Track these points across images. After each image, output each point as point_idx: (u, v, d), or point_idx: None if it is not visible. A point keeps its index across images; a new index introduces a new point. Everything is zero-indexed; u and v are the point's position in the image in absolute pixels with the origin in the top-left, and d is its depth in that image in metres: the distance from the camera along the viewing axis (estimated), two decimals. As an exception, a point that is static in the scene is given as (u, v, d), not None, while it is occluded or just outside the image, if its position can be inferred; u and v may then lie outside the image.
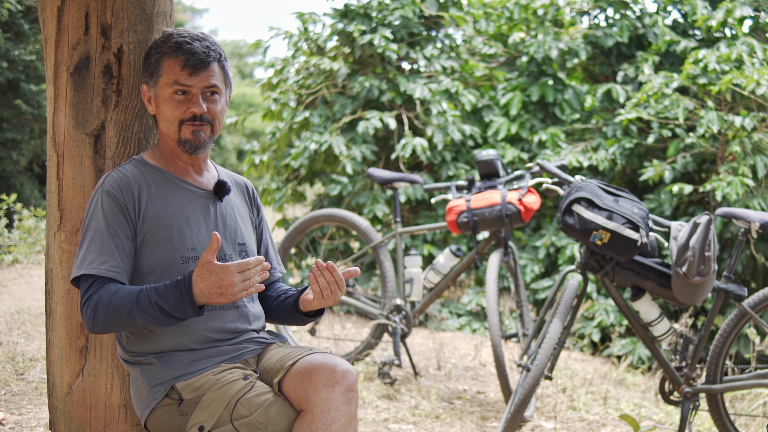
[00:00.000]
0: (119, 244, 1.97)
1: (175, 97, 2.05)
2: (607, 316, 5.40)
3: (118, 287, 1.91)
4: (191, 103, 2.05)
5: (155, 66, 2.07)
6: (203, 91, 2.06)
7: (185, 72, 2.04)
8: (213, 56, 2.07)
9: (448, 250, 4.09)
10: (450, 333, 5.69)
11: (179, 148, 2.08)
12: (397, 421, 3.61)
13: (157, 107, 2.08)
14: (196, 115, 2.05)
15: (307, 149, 6.05)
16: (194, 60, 2.04)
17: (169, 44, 2.06)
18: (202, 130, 2.07)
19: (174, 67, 2.04)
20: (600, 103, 6.20)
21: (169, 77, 2.04)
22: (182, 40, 2.06)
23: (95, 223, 1.98)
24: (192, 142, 2.07)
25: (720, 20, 5.80)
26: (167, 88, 2.05)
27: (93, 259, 1.95)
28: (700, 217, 3.19)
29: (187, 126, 2.06)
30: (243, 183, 2.30)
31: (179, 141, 2.07)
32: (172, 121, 2.06)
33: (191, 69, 2.04)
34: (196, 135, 2.07)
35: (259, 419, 1.90)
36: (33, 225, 6.78)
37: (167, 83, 2.05)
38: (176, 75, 2.04)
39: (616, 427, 3.77)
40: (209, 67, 2.07)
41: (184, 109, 2.05)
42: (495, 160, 4.00)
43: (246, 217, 2.24)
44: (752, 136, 5.16)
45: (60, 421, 2.24)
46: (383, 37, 6.10)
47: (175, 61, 2.04)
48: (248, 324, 2.12)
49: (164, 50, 2.06)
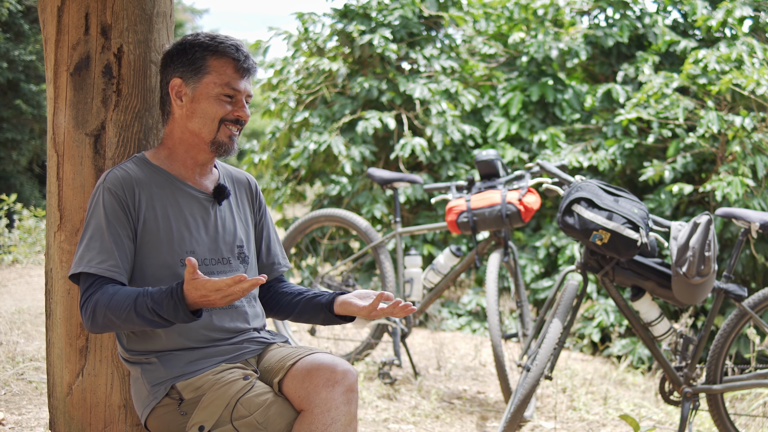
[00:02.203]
0: (119, 243, 1.96)
1: (222, 98, 2.06)
2: (607, 316, 5.41)
3: (117, 289, 1.90)
4: (237, 107, 2.08)
5: (201, 62, 2.05)
6: (245, 99, 2.10)
7: (238, 74, 2.06)
8: (256, 67, 2.13)
9: (448, 250, 4.09)
10: (450, 333, 5.69)
11: (209, 148, 2.08)
12: (397, 421, 3.61)
13: (193, 103, 2.06)
14: (241, 119, 2.08)
15: (307, 149, 6.05)
16: (248, 64, 2.08)
17: (224, 44, 2.07)
18: (236, 136, 2.11)
19: (226, 68, 2.05)
20: (600, 103, 6.20)
21: (219, 77, 2.05)
22: (234, 43, 2.08)
23: (96, 220, 1.98)
24: (227, 146, 2.09)
25: (720, 20, 5.80)
26: (215, 87, 2.05)
27: (92, 257, 1.94)
28: (700, 217, 3.19)
29: (225, 127, 2.07)
30: (245, 179, 2.29)
31: (213, 141, 2.07)
32: (213, 119, 2.06)
33: (243, 72, 2.07)
34: (231, 140, 2.09)
35: (259, 419, 1.90)
36: (33, 225, 6.77)
37: (216, 82, 2.05)
38: (229, 77, 2.05)
39: (616, 427, 3.77)
40: (251, 76, 2.12)
41: (229, 110, 2.07)
42: (495, 160, 4.00)
43: (246, 217, 2.23)
44: (752, 136, 5.16)
45: (60, 421, 2.24)
46: (383, 38, 6.10)
47: (228, 62, 2.06)
48: (247, 323, 2.12)
49: (217, 49, 2.06)
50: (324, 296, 2.16)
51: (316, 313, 2.17)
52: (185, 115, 2.07)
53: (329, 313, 2.13)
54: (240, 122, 2.09)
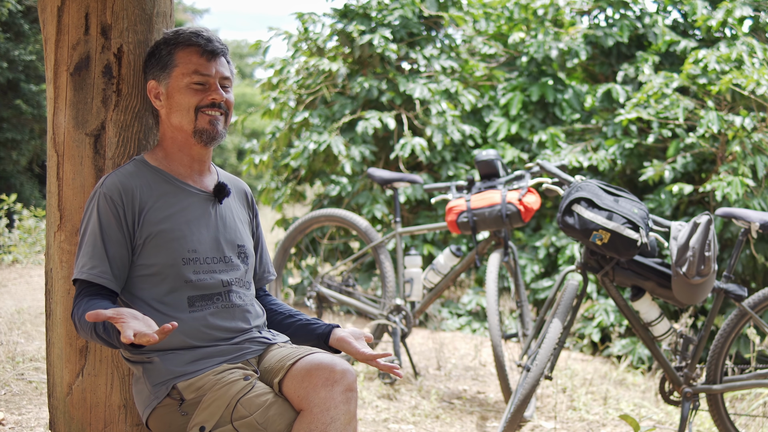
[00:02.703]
0: (111, 250, 1.98)
1: (193, 87, 2.06)
2: (607, 316, 5.41)
3: (90, 304, 1.91)
4: (210, 91, 2.07)
5: (167, 59, 2.08)
6: (220, 81, 2.10)
7: (204, 59, 2.07)
8: (224, 48, 2.13)
9: (448, 250, 4.09)
10: (450, 333, 5.69)
11: (194, 140, 2.09)
12: (397, 421, 3.61)
13: (169, 99, 2.08)
14: (216, 101, 2.07)
15: (307, 149, 6.05)
16: (212, 46, 2.08)
17: (183, 36, 2.09)
18: (219, 120, 2.09)
19: (191, 57, 2.07)
20: (600, 103, 6.20)
21: (186, 67, 2.06)
22: (196, 29, 2.10)
23: (91, 226, 2.00)
24: (209, 132, 2.08)
25: (720, 20, 5.80)
26: (184, 78, 2.06)
27: (84, 263, 1.97)
28: (700, 217, 3.19)
29: (203, 114, 2.07)
30: (242, 188, 2.31)
31: (195, 131, 2.08)
32: (188, 109, 2.06)
33: (209, 55, 2.07)
34: (213, 124, 2.08)
35: (259, 420, 1.90)
36: (33, 225, 6.77)
37: (184, 73, 2.06)
38: (195, 64, 2.06)
39: (616, 427, 3.77)
40: (222, 57, 2.11)
41: (203, 96, 2.07)
42: (495, 160, 4.00)
43: (245, 221, 2.25)
44: (752, 136, 5.16)
45: (60, 421, 2.24)
46: (383, 38, 6.10)
47: (191, 50, 2.07)
48: (248, 323, 2.13)
49: (178, 42, 2.08)
50: (319, 326, 2.19)
51: (309, 339, 2.19)
52: (166, 113, 2.09)
53: (323, 344, 2.16)
54: (217, 105, 2.08)
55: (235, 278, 2.12)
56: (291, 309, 2.30)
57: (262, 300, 2.33)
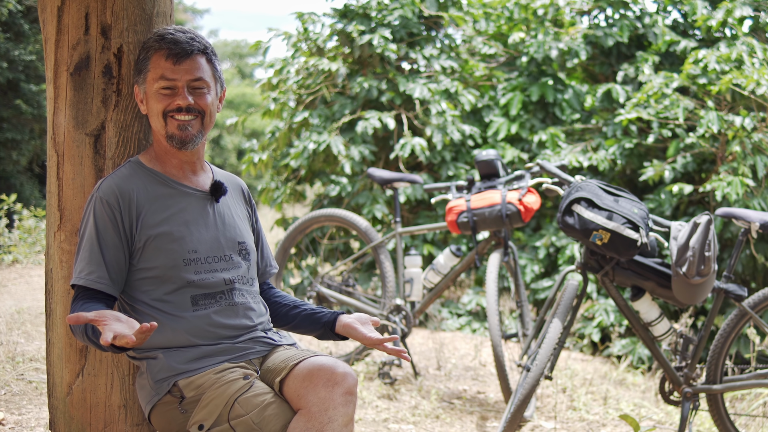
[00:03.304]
0: (108, 255, 1.98)
1: (162, 92, 2.04)
2: (607, 316, 5.41)
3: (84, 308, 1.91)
4: (176, 96, 2.04)
5: (143, 63, 2.07)
6: (189, 84, 2.04)
7: (169, 62, 2.03)
8: (197, 47, 2.06)
9: (448, 250, 4.09)
10: (450, 333, 5.69)
11: (168, 144, 2.07)
12: (397, 421, 3.61)
13: (147, 104, 2.07)
14: (181, 107, 2.03)
15: (307, 149, 6.05)
16: (177, 49, 2.03)
17: (151, 40, 2.06)
18: (190, 124, 2.05)
19: (159, 61, 2.04)
20: (600, 103, 6.20)
21: (155, 72, 2.04)
22: (165, 32, 2.06)
23: (87, 231, 2.01)
24: (179, 137, 2.05)
25: (720, 20, 5.80)
26: (154, 84, 2.04)
27: (82, 268, 1.98)
28: (700, 217, 3.19)
29: (171, 120, 2.04)
30: (238, 184, 2.30)
31: (167, 136, 2.06)
32: (158, 115, 2.05)
33: (174, 58, 2.03)
34: (182, 129, 2.04)
35: (255, 419, 1.90)
36: (33, 225, 6.78)
37: (154, 78, 2.04)
38: (162, 68, 2.03)
39: (616, 427, 3.77)
40: (193, 57, 2.05)
41: (169, 102, 2.04)
42: (495, 160, 4.00)
43: (243, 217, 2.25)
44: (752, 136, 5.16)
45: (60, 421, 2.24)
46: (382, 38, 6.10)
47: (159, 54, 2.04)
48: (252, 320, 2.13)
49: (149, 45, 2.06)
50: (324, 315, 2.19)
51: (315, 329, 2.20)
52: (149, 118, 2.09)
53: (330, 331, 2.16)
54: (183, 110, 2.03)
55: (237, 276, 2.12)
56: (296, 300, 2.29)
57: (267, 293, 2.32)
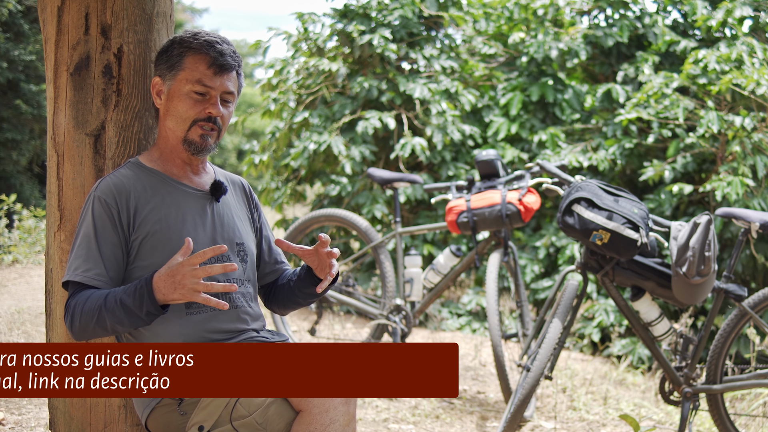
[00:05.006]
0: (106, 252, 1.97)
1: (194, 96, 2.03)
2: (607, 316, 5.41)
3: (92, 292, 1.91)
4: (209, 104, 2.03)
5: (177, 59, 2.05)
6: (221, 96, 2.06)
7: (210, 71, 2.03)
8: (238, 62, 2.08)
9: (448, 250, 4.09)
10: (450, 333, 5.69)
11: (182, 146, 2.06)
12: (397, 421, 3.61)
13: (168, 101, 2.05)
14: (213, 116, 2.04)
15: (307, 149, 6.06)
16: (222, 60, 2.04)
17: (199, 41, 2.04)
18: (211, 135, 2.06)
19: (199, 65, 2.03)
20: (600, 103, 6.20)
21: (191, 74, 2.03)
22: (212, 39, 2.05)
23: (85, 228, 1.99)
24: (198, 145, 2.06)
25: (720, 20, 5.80)
26: (186, 84, 2.03)
27: (78, 265, 1.96)
28: (700, 217, 3.19)
29: (197, 127, 2.04)
30: (239, 182, 2.29)
31: (185, 140, 2.05)
32: (184, 119, 2.04)
33: (217, 69, 2.03)
34: (203, 139, 2.05)
35: (258, 419, 1.90)
36: (33, 225, 6.78)
37: (188, 79, 2.03)
38: (200, 73, 2.02)
39: (616, 427, 3.77)
40: (232, 72, 2.07)
41: (201, 109, 2.03)
42: (495, 160, 4.00)
43: (244, 217, 2.23)
44: (752, 136, 5.16)
45: (60, 421, 2.24)
46: (382, 38, 6.10)
47: (201, 59, 2.03)
48: (246, 324, 2.12)
49: (192, 46, 2.04)
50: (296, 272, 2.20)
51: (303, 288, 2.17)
52: (163, 114, 2.08)
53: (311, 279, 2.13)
54: (212, 120, 2.05)
55: (233, 279, 2.10)
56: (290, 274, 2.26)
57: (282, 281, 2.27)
